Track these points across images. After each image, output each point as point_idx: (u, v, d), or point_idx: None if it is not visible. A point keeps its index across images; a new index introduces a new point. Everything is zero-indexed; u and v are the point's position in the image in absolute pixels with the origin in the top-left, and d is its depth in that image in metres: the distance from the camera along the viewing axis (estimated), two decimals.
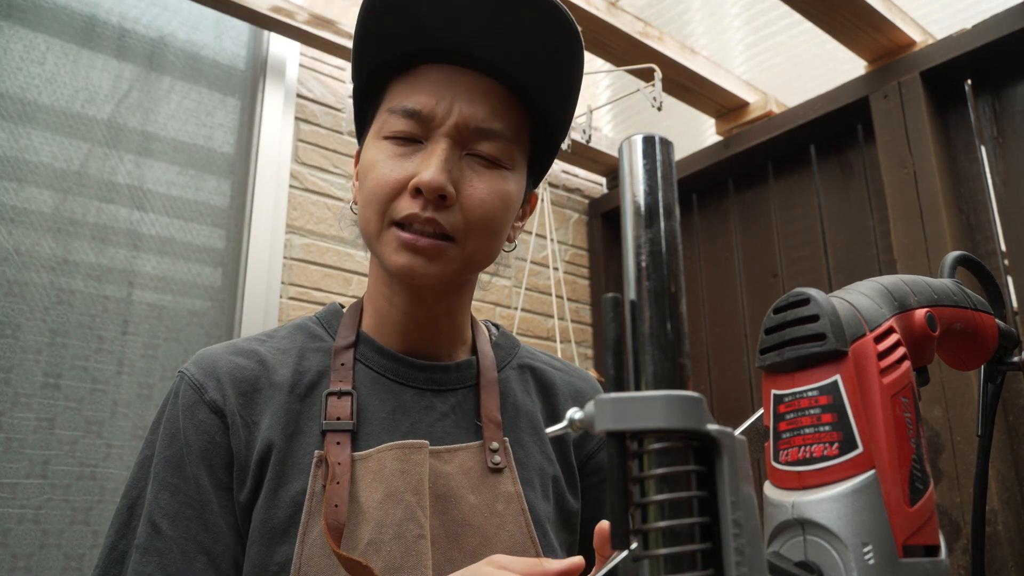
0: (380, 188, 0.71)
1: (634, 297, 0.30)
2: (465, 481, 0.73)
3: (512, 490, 0.75)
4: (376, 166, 0.72)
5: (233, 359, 0.75)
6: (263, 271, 1.90)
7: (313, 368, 0.77)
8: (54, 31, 1.75)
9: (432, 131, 0.72)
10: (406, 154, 0.72)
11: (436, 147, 0.71)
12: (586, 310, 2.64)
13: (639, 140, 0.32)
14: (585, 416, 0.30)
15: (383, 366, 0.78)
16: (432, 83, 0.73)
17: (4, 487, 1.52)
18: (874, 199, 2.07)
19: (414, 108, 0.72)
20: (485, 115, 0.73)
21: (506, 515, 0.73)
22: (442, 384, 0.79)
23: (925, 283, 0.51)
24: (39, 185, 1.68)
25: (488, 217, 0.73)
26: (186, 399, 0.73)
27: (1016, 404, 1.73)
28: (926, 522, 0.39)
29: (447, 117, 0.72)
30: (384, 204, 0.71)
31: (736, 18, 2.16)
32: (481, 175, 0.73)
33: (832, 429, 0.39)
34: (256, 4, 1.87)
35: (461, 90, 0.72)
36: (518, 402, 0.82)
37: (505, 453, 0.77)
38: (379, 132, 0.74)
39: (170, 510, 0.69)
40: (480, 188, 0.72)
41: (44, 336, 1.62)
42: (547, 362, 0.90)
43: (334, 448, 0.71)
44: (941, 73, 1.89)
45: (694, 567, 0.28)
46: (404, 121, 0.72)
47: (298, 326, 0.82)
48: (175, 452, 0.71)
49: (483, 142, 0.73)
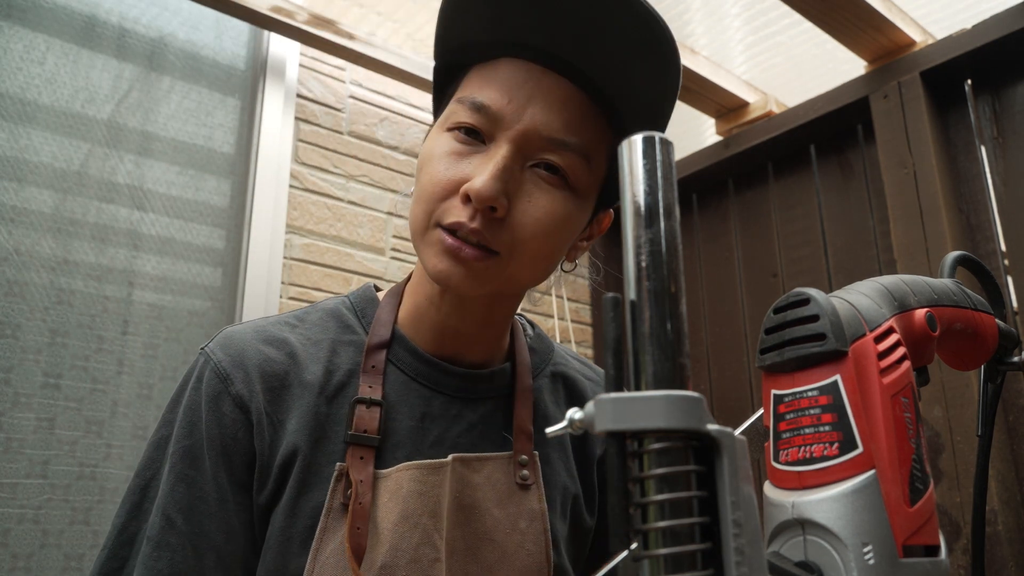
0: (432, 186, 0.66)
1: (634, 297, 0.30)
2: (492, 494, 0.71)
3: (537, 508, 0.72)
4: (432, 161, 0.67)
5: (263, 350, 0.71)
6: (263, 271, 1.90)
7: (343, 367, 0.73)
8: (54, 31, 1.75)
9: (498, 132, 0.66)
10: (465, 153, 0.66)
11: (497, 152, 0.65)
12: (586, 310, 2.64)
13: (639, 140, 0.32)
14: (585, 416, 0.30)
15: (416, 369, 0.74)
16: (508, 79, 0.66)
17: (4, 487, 1.52)
18: (874, 199, 2.07)
19: (483, 102, 0.66)
20: (559, 125, 0.66)
21: (528, 533, 0.71)
22: (474, 393, 0.75)
23: (925, 283, 0.51)
24: (39, 185, 1.68)
25: (539, 238, 0.66)
26: (210, 388, 0.69)
27: (1016, 404, 1.73)
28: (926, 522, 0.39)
29: (516, 120, 0.65)
30: (433, 204, 0.66)
31: (736, 18, 2.16)
32: (542, 191, 0.66)
33: (832, 429, 0.39)
34: (256, 4, 1.87)
35: (538, 92, 0.66)
36: (548, 414, 0.79)
37: (534, 468, 0.74)
38: (444, 121, 0.69)
39: (184, 504, 0.67)
40: (536, 205, 0.66)
41: (44, 336, 1.62)
42: (580, 371, 0.87)
43: (357, 464, 0.68)
44: (941, 73, 1.89)
45: (694, 567, 0.28)
46: (470, 114, 0.66)
47: (331, 312, 0.77)
48: (194, 443, 0.68)
49: (551, 154, 0.66)
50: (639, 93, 0.68)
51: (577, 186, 0.68)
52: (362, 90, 2.20)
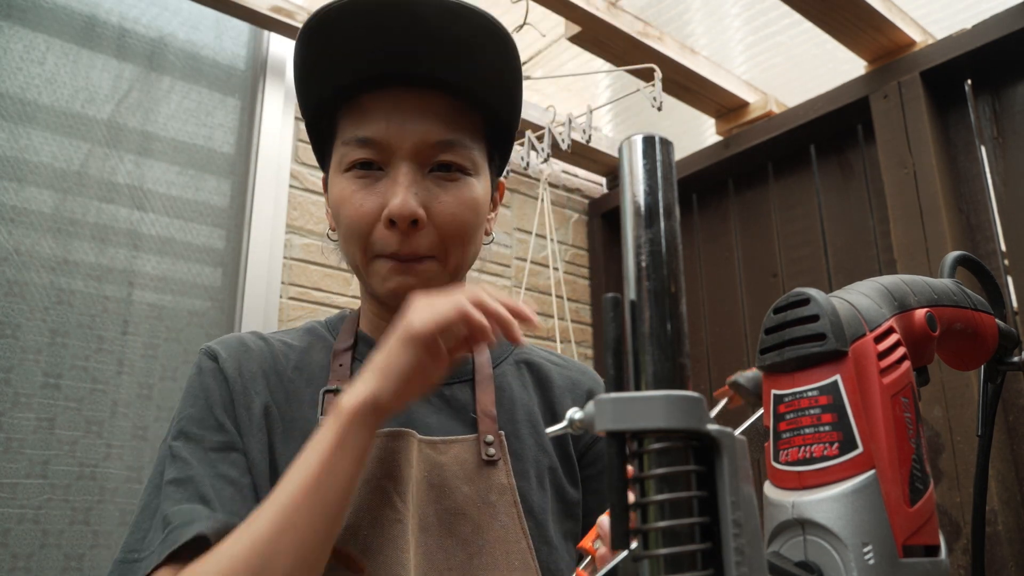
0: (355, 223, 0.74)
1: (634, 297, 0.30)
2: (460, 472, 0.75)
3: (505, 482, 0.77)
4: (345, 201, 0.74)
5: (246, 340, 0.81)
6: (263, 271, 1.90)
7: (314, 364, 0.81)
8: (54, 31, 1.75)
9: (390, 157, 0.74)
10: (370, 184, 0.74)
11: (398, 173, 0.73)
12: (586, 310, 2.64)
13: (639, 140, 0.32)
14: (585, 416, 0.30)
15: None
16: (379, 110, 0.74)
17: (4, 487, 1.52)
18: (874, 199, 2.07)
19: (367, 136, 0.74)
20: (438, 129, 0.74)
21: (499, 505, 0.75)
22: None
23: (925, 283, 0.51)
24: (39, 185, 1.68)
25: (461, 228, 0.76)
26: (205, 365, 0.78)
27: (1016, 404, 1.73)
28: (926, 522, 0.39)
29: (402, 140, 0.73)
30: (363, 238, 0.74)
31: (736, 18, 2.16)
32: (447, 189, 0.75)
33: (832, 429, 0.39)
34: (256, 4, 1.87)
35: (409, 110, 0.74)
36: (514, 395, 0.84)
37: (500, 446, 0.79)
38: (339, 166, 0.76)
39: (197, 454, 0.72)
40: (448, 203, 0.75)
41: (44, 336, 1.62)
42: (545, 357, 0.92)
43: None
44: (941, 73, 1.89)
45: (694, 567, 0.28)
46: (360, 150, 0.74)
47: (308, 329, 0.87)
48: (198, 409, 0.75)
49: (442, 155, 0.75)
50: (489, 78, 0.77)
51: (472, 171, 0.77)
52: None
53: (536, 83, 2.34)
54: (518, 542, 0.74)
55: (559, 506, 0.81)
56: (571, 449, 0.85)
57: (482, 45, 0.74)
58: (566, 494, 0.82)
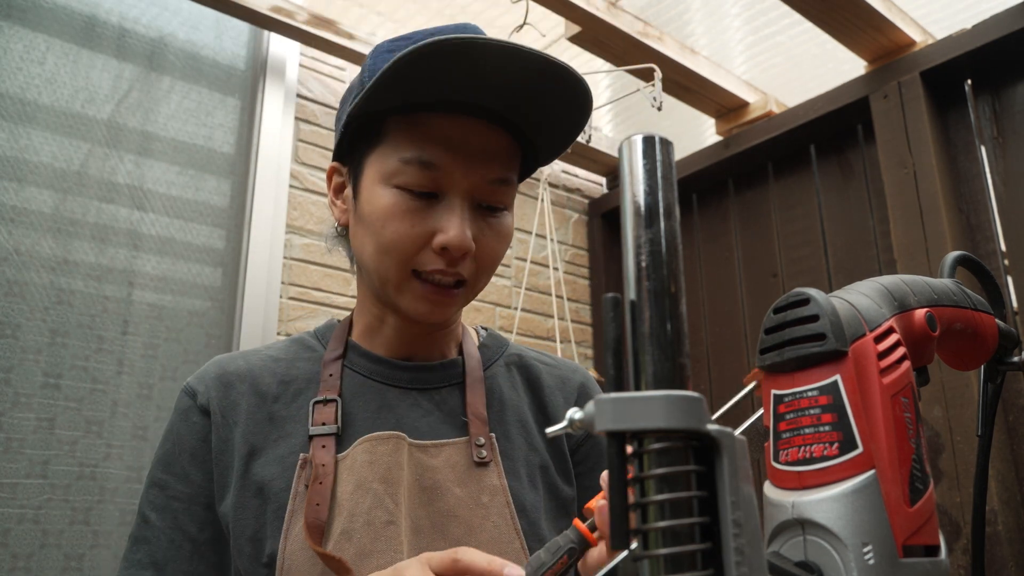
0: (401, 242, 0.74)
1: (634, 297, 0.30)
2: (451, 474, 0.76)
3: (497, 483, 0.77)
4: (394, 218, 0.74)
5: (225, 364, 0.82)
6: (263, 271, 1.90)
7: (301, 376, 0.82)
8: (54, 31, 1.75)
9: (449, 186, 0.74)
10: (423, 208, 0.74)
11: (456, 205, 0.74)
12: (586, 310, 2.64)
13: (639, 140, 0.32)
14: (585, 416, 0.30)
15: (369, 369, 0.82)
16: (446, 135, 0.74)
17: (4, 487, 1.52)
18: (874, 199, 2.07)
19: (431, 161, 0.73)
20: (498, 168, 0.76)
21: (491, 507, 0.76)
22: (427, 383, 0.83)
23: (925, 283, 0.51)
24: (39, 185, 1.68)
25: (496, 260, 0.79)
26: (182, 404, 0.81)
27: (1016, 404, 1.73)
28: (926, 522, 0.39)
29: (464, 175, 0.74)
30: (407, 257, 0.74)
31: (736, 18, 2.16)
32: (492, 225, 0.77)
33: (832, 429, 0.39)
34: (256, 4, 1.87)
35: (475, 145, 0.74)
36: (504, 397, 0.85)
37: (491, 448, 0.79)
38: (388, 178, 0.74)
39: (159, 503, 0.77)
40: (493, 238, 0.77)
41: (44, 336, 1.62)
42: (535, 358, 0.93)
43: (319, 452, 0.75)
44: (941, 73, 1.89)
45: (694, 567, 0.28)
46: (420, 173, 0.73)
47: (295, 339, 0.88)
48: (166, 451, 0.79)
49: (495, 194, 0.76)
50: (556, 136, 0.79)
51: (511, 205, 0.80)
52: None
53: None
54: (511, 542, 0.75)
55: (552, 504, 0.82)
56: (564, 446, 0.86)
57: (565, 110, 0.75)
58: (559, 491, 0.83)
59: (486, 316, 2.32)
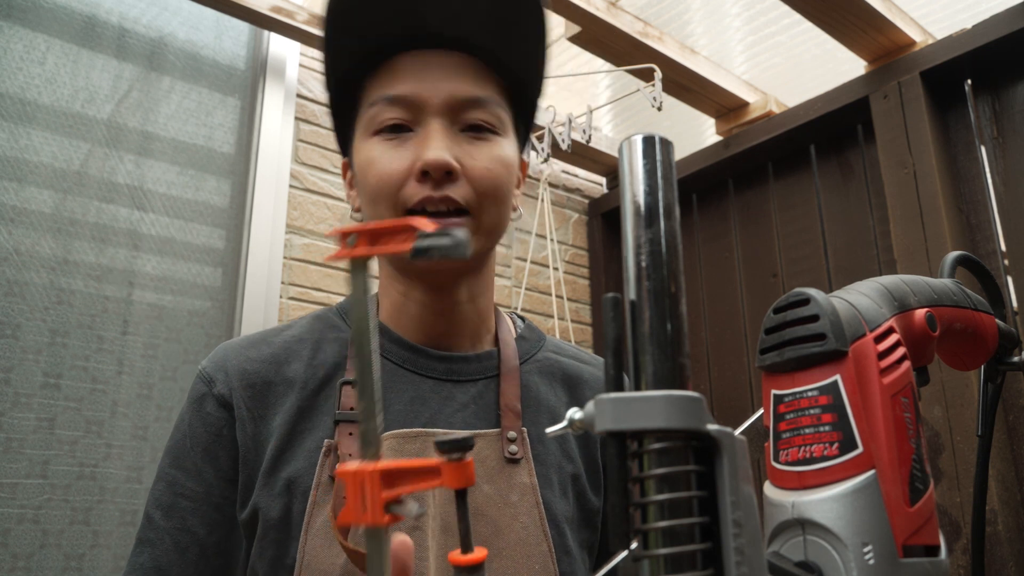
0: (385, 181, 0.71)
1: (634, 297, 0.30)
2: (480, 470, 0.72)
3: (528, 482, 0.73)
4: (374, 162, 0.72)
5: (245, 353, 0.76)
6: (263, 271, 1.90)
7: (329, 360, 0.76)
8: (54, 31, 1.75)
9: (422, 114, 0.72)
10: (401, 143, 0.72)
11: (430, 128, 0.72)
12: (586, 310, 2.64)
13: (639, 140, 0.32)
14: (585, 416, 0.30)
15: (401, 357, 0.77)
16: (410, 70, 0.73)
17: (4, 487, 1.52)
18: (874, 199, 2.07)
19: (400, 94, 0.72)
20: (469, 86, 0.73)
21: (520, 506, 0.72)
22: (462, 375, 0.78)
23: (925, 283, 0.51)
24: (39, 185, 1.68)
25: (496, 184, 0.73)
26: (196, 392, 0.75)
27: (1016, 404, 1.73)
28: (926, 522, 0.39)
29: (434, 97, 0.72)
30: (393, 196, 0.71)
31: (736, 18, 2.16)
32: (479, 146, 0.74)
33: (832, 429, 0.39)
34: (256, 4, 1.87)
35: (440, 70, 0.73)
36: (540, 396, 0.80)
37: (522, 443, 0.75)
38: (367, 129, 0.74)
39: (165, 501, 0.72)
40: (482, 158, 0.73)
41: (44, 336, 1.62)
42: (574, 355, 0.88)
43: (346, 439, 0.70)
44: (941, 73, 1.89)
45: (694, 567, 0.28)
46: (391, 109, 0.72)
47: (318, 316, 0.82)
48: (176, 443, 0.74)
49: (473, 111, 0.73)
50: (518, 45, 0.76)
51: (503, 131, 0.76)
52: None
53: None
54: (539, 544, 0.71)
55: (580, 514, 0.78)
56: (597, 454, 0.82)
57: (516, 14, 0.73)
58: (588, 502, 0.79)
59: None
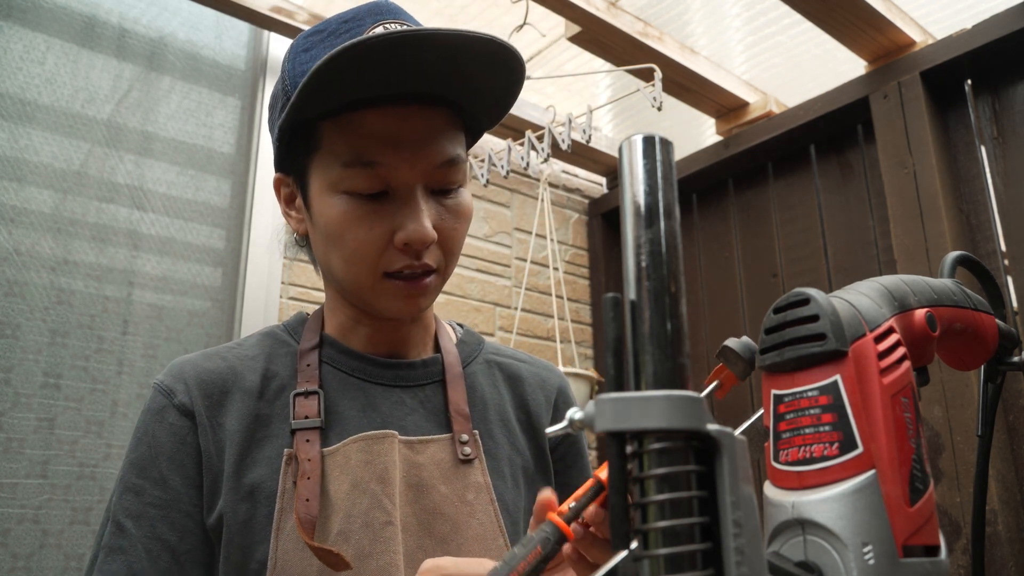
0: (364, 248, 0.72)
1: (634, 297, 0.30)
2: (436, 471, 0.76)
3: (481, 480, 0.77)
4: (350, 226, 0.71)
5: (203, 364, 0.78)
6: (263, 271, 1.90)
7: (281, 372, 0.79)
8: (54, 31, 1.75)
9: (397, 181, 0.71)
10: (377, 209, 0.71)
11: (409, 199, 0.71)
12: (586, 310, 2.64)
13: (639, 140, 0.32)
14: (585, 416, 0.30)
15: (350, 366, 0.80)
16: (380, 130, 0.70)
17: (4, 487, 1.52)
18: (874, 199, 2.07)
19: (372, 160, 0.70)
20: (446, 147, 0.73)
21: (476, 504, 0.76)
22: (409, 380, 0.81)
23: (925, 283, 0.51)
24: (39, 185, 1.68)
25: (461, 241, 0.77)
26: (155, 404, 0.76)
27: (1016, 404, 1.73)
28: (926, 522, 0.39)
29: (411, 166, 0.71)
30: (373, 262, 0.72)
31: (736, 18, 2.16)
32: (449, 207, 0.75)
33: (832, 429, 0.39)
34: (256, 4, 1.87)
35: (414, 132, 0.71)
36: (486, 395, 0.85)
37: (475, 444, 0.79)
38: (334, 186, 0.72)
39: (134, 510, 0.72)
40: (453, 220, 0.75)
41: (44, 336, 1.62)
42: (512, 355, 0.93)
43: (304, 446, 0.73)
44: (941, 73, 1.89)
45: (694, 567, 0.28)
46: (365, 175, 0.70)
47: (266, 334, 0.85)
48: (140, 455, 0.75)
49: (447, 174, 0.74)
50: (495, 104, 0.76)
51: (464, 181, 0.77)
52: None
53: (536, 83, 2.34)
54: (496, 539, 0.75)
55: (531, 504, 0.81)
56: (545, 444, 0.86)
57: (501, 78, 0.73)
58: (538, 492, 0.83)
59: (486, 316, 2.32)
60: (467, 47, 0.67)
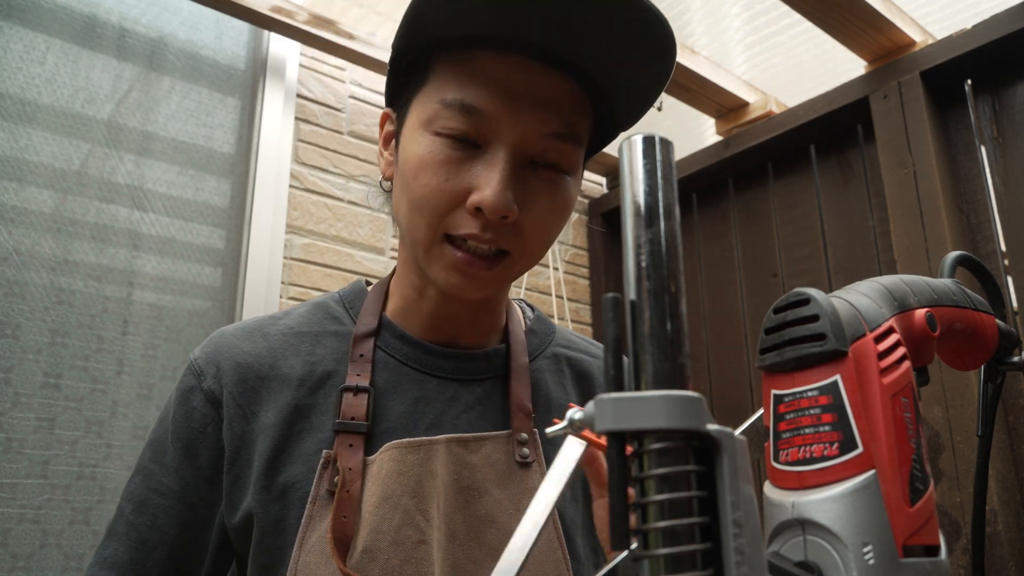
0: (433, 198, 0.63)
1: (634, 297, 0.30)
2: (491, 474, 0.68)
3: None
4: (427, 169, 0.63)
5: (240, 345, 0.72)
6: (263, 271, 1.90)
7: (328, 356, 0.72)
8: (54, 31, 1.75)
9: (494, 136, 0.63)
10: (462, 160, 0.63)
11: (498, 159, 0.63)
12: (586, 310, 2.64)
13: (639, 140, 0.32)
14: (585, 416, 0.30)
15: (405, 354, 0.73)
16: (495, 76, 0.63)
17: (4, 487, 1.52)
18: (874, 199, 2.07)
19: (474, 105, 0.62)
20: (555, 119, 0.64)
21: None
22: (469, 373, 0.74)
23: (925, 283, 0.51)
24: (39, 185, 1.68)
25: (547, 235, 0.67)
26: (185, 383, 0.71)
27: (1016, 404, 1.73)
28: (926, 522, 0.39)
29: (513, 124, 0.63)
30: (438, 216, 0.64)
31: (736, 18, 2.16)
32: (545, 189, 0.66)
33: (832, 429, 0.39)
34: (256, 4, 1.87)
35: (529, 91, 0.63)
36: (551, 395, 0.77)
37: (534, 446, 0.71)
38: (428, 124, 0.65)
39: (139, 495, 0.69)
40: (543, 205, 0.65)
41: (44, 336, 1.62)
42: (584, 349, 0.84)
43: (346, 451, 0.66)
44: (941, 73, 1.89)
45: (694, 567, 0.28)
46: (461, 118, 0.63)
47: (318, 304, 0.77)
48: (158, 436, 0.71)
49: (550, 151, 0.65)
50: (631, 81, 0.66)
51: (572, 170, 0.68)
52: (362, 90, 2.20)
53: None
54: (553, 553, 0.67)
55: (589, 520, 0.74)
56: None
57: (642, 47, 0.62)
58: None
59: None
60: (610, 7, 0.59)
